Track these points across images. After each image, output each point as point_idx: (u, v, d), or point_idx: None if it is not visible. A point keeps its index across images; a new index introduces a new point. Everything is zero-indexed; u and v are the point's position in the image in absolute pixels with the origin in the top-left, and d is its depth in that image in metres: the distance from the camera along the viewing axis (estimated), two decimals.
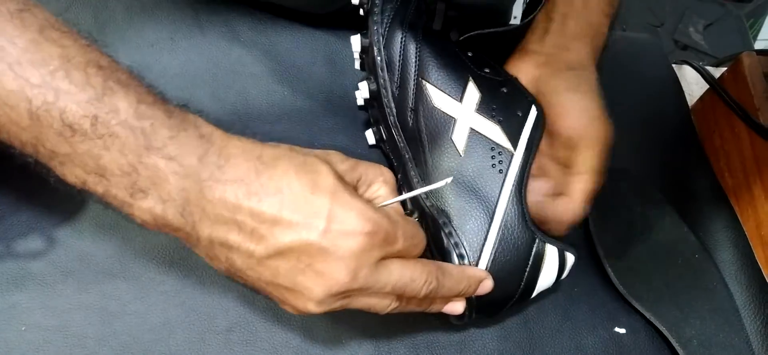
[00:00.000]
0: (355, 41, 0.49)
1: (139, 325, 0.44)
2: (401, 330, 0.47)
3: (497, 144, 0.45)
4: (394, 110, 0.47)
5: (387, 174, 0.43)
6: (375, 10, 0.47)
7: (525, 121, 0.46)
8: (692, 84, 0.66)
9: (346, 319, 0.47)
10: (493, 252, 0.43)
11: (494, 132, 0.45)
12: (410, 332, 0.47)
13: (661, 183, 0.58)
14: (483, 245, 0.43)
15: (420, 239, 0.40)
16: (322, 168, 0.36)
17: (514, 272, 0.44)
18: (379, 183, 0.42)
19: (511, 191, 0.44)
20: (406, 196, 0.44)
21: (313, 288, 0.36)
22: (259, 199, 0.34)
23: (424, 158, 0.46)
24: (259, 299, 0.46)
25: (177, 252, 0.47)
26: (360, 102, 0.52)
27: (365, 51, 0.49)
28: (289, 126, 0.54)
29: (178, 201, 0.34)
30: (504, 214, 0.44)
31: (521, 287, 0.44)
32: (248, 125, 0.53)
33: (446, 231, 0.44)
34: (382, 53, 0.47)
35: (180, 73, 0.55)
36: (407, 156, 0.47)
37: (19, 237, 0.46)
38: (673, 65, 0.66)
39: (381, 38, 0.47)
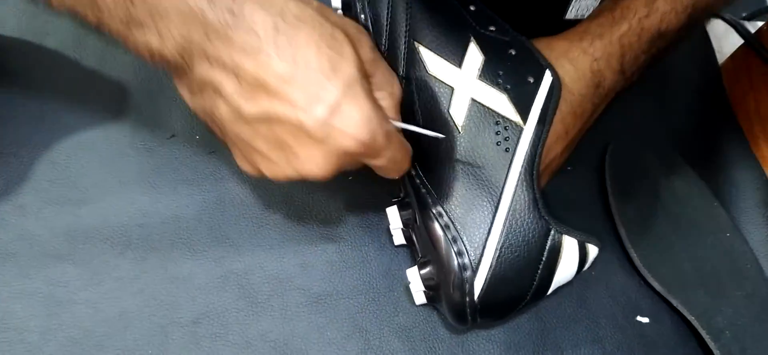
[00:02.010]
0: (334, 3, 0.41)
1: (91, 316, 0.39)
2: (393, 318, 0.41)
3: (503, 117, 0.38)
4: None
5: (396, 88, 0.37)
6: None
7: (537, 90, 0.39)
8: (721, 39, 0.59)
9: (330, 308, 0.41)
10: (499, 247, 0.37)
11: (500, 102, 0.38)
12: (405, 320, 0.41)
13: (687, 152, 0.51)
14: (486, 239, 0.37)
15: (401, 168, 0.36)
16: (347, 51, 0.32)
17: (524, 269, 0.37)
18: (386, 94, 0.37)
19: (520, 173, 0.38)
20: (402, 125, 0.36)
21: (283, 166, 0.34)
22: (269, 60, 0.31)
23: (419, 139, 0.38)
24: (230, 284, 0.40)
25: (135, 231, 0.41)
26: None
27: (347, 7, 0.41)
28: None
29: (178, 39, 0.31)
30: (511, 201, 0.37)
31: (533, 286, 0.38)
32: None
33: (443, 222, 0.37)
34: (366, 10, 0.40)
35: None
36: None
37: None
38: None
39: None
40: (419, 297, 0.40)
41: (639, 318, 0.45)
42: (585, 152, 0.46)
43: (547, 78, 0.40)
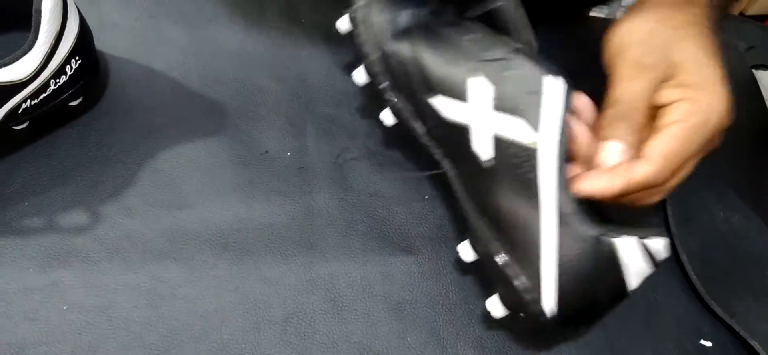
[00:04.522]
0: (358, 75, 0.45)
1: (190, 310, 0.41)
2: (468, 329, 0.43)
3: (515, 144, 0.37)
4: (421, 128, 0.43)
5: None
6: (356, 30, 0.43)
7: (540, 101, 0.37)
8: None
9: (409, 315, 0.43)
10: (558, 266, 0.36)
11: (516, 127, 0.37)
12: (479, 332, 0.43)
13: (741, 190, 0.54)
14: (539, 260, 0.37)
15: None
16: None
17: (590, 278, 0.37)
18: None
19: (554, 191, 0.36)
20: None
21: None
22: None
23: (456, 179, 0.40)
24: (318, 288, 0.43)
25: (232, 235, 0.44)
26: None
27: (371, 82, 0.44)
28: (350, 111, 0.51)
29: None
30: (557, 221, 0.36)
31: (605, 291, 0.37)
32: (308, 107, 0.50)
33: (498, 256, 0.38)
34: (387, 76, 0.43)
35: (237, 51, 0.52)
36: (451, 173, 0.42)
37: (63, 211, 0.43)
38: (752, 69, 0.62)
39: (381, 64, 0.43)
40: (498, 310, 0.41)
41: (703, 342, 0.46)
42: None
43: (548, 83, 0.37)
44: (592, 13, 0.52)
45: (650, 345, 0.45)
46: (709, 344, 0.46)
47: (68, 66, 0.43)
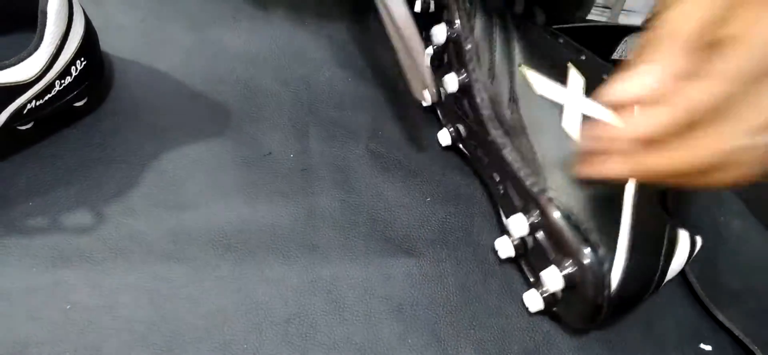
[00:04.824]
0: (439, 32, 0.46)
1: (192, 310, 0.41)
2: (469, 331, 0.44)
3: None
4: (488, 103, 0.44)
5: None
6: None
7: None
8: None
9: (410, 317, 0.43)
10: (630, 240, 0.39)
11: (607, 115, 0.40)
12: (480, 334, 0.44)
13: (741, 194, 0.54)
14: (618, 232, 0.39)
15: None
16: None
17: (652, 261, 0.40)
18: None
19: None
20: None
21: None
22: None
23: (532, 151, 0.42)
24: (319, 290, 0.43)
25: (234, 236, 0.44)
26: (427, 102, 0.49)
27: (450, 42, 0.46)
28: (353, 113, 0.52)
29: None
30: (634, 196, 0.40)
31: (656, 277, 0.40)
32: (311, 109, 0.51)
33: (572, 222, 0.40)
34: (472, 42, 0.44)
35: (242, 53, 0.53)
36: (507, 150, 0.44)
37: (67, 211, 0.43)
38: None
39: (468, 27, 0.44)
40: (537, 304, 0.43)
41: (703, 346, 0.46)
42: None
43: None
44: (591, 18, 0.52)
45: (650, 349, 0.45)
46: (709, 348, 0.46)
47: (73, 67, 0.44)
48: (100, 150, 0.46)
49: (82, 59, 0.44)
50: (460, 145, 0.49)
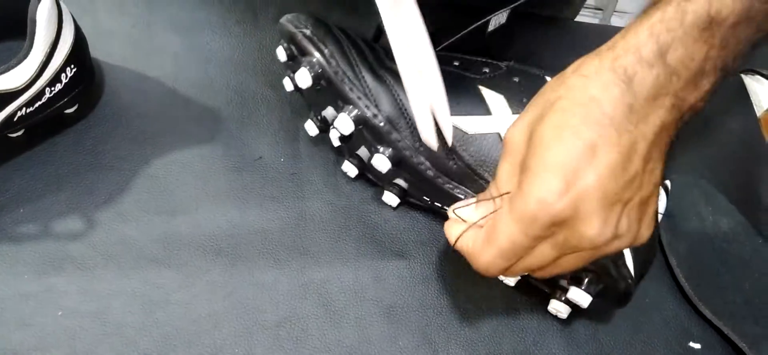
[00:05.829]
0: (343, 123, 0.42)
1: (183, 315, 0.41)
2: (459, 332, 0.44)
3: None
4: (429, 164, 0.43)
5: None
6: (332, 75, 0.43)
7: None
8: (758, 94, 0.63)
9: (401, 319, 0.44)
10: None
11: None
12: (470, 334, 0.44)
13: (729, 193, 0.54)
14: None
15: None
16: None
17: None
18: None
19: None
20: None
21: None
22: None
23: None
24: (310, 293, 0.43)
25: (225, 241, 0.44)
26: (353, 174, 0.48)
27: (359, 126, 0.43)
28: None
29: None
30: None
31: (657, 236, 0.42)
32: (301, 113, 0.51)
33: None
34: (381, 117, 0.43)
35: (231, 58, 0.53)
36: (462, 190, 0.43)
37: (58, 217, 0.44)
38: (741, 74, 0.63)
39: (371, 104, 0.43)
40: (565, 312, 0.44)
41: (691, 344, 0.47)
42: None
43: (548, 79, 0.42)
44: (581, 19, 0.53)
45: (639, 347, 0.46)
46: (697, 346, 0.46)
47: (63, 74, 0.44)
48: (91, 156, 0.46)
49: (72, 66, 0.45)
50: (410, 200, 0.48)
